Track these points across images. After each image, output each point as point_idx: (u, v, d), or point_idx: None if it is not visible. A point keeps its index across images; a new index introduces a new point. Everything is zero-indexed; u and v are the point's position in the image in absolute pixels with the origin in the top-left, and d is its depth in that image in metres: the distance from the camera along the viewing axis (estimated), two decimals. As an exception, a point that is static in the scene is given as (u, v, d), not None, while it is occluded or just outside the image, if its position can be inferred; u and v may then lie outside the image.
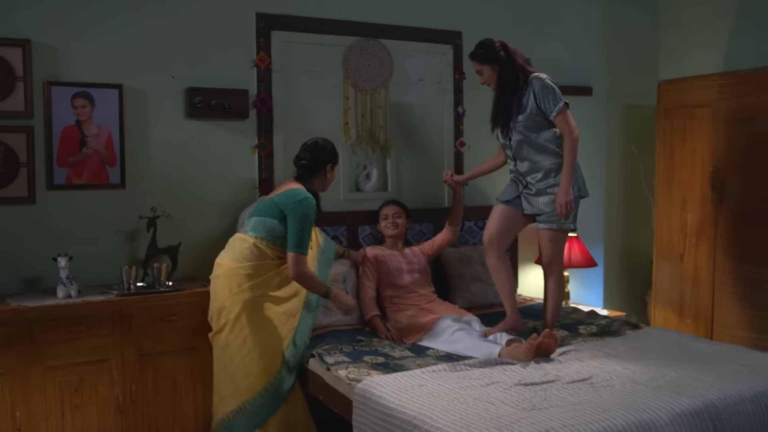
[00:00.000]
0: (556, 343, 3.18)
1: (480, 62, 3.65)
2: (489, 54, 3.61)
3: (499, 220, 3.71)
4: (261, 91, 4.02)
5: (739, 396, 2.64)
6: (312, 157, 3.52)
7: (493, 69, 3.63)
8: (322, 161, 3.53)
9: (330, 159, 3.56)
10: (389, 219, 4.08)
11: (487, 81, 3.69)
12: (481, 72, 3.67)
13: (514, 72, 3.60)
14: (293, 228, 3.31)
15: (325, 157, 3.54)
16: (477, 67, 3.68)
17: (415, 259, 4.06)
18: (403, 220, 4.10)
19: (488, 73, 3.65)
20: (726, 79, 4.38)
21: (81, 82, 3.59)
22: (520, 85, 3.59)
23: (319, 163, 3.53)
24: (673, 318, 4.75)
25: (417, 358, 3.32)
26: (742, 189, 4.30)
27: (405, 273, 3.97)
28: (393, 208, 4.12)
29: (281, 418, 3.28)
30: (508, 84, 3.61)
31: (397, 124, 4.44)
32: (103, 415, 3.32)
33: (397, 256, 4.02)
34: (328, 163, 3.55)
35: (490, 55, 3.61)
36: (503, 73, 3.61)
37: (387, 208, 4.12)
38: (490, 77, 3.66)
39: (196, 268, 3.88)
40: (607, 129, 5.28)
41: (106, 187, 3.69)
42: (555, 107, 3.52)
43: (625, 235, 5.42)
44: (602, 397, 2.63)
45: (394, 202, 4.16)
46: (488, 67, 3.63)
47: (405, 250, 4.09)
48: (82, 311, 3.25)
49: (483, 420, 2.39)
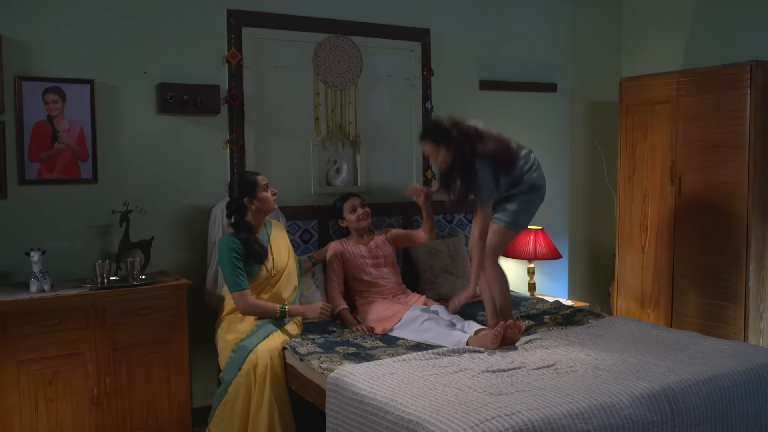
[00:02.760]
0: (519, 332, 3.29)
1: (435, 143, 3.50)
2: (444, 135, 3.49)
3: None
4: (232, 87, 4.06)
5: (694, 380, 2.78)
6: (230, 203, 3.66)
7: (448, 151, 3.49)
8: (237, 200, 3.62)
9: (242, 193, 3.59)
10: (358, 211, 4.07)
11: (440, 162, 3.55)
12: (434, 152, 3.52)
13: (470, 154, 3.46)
14: (222, 272, 3.56)
15: (236, 196, 3.61)
16: (429, 148, 3.54)
17: (380, 251, 4.11)
18: (368, 209, 4.13)
19: (443, 155, 3.50)
20: (685, 77, 4.53)
21: (52, 77, 3.60)
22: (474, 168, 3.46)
23: (237, 202, 3.61)
24: (634, 307, 4.89)
25: (388, 347, 3.41)
26: (699, 183, 4.44)
27: (370, 267, 4.04)
28: (357, 200, 4.11)
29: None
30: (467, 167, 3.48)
31: (367, 119, 4.51)
32: (77, 408, 3.35)
33: (362, 251, 4.06)
34: (243, 197, 3.60)
35: (445, 136, 3.48)
36: (460, 156, 3.48)
37: (352, 201, 4.10)
38: (444, 159, 3.51)
39: (168, 262, 3.92)
40: (571, 125, 5.40)
41: (78, 182, 3.71)
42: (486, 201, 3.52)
43: (589, 228, 5.55)
44: (566, 382, 2.75)
45: (352, 195, 4.15)
46: (443, 148, 3.49)
47: (370, 243, 4.13)
48: (56, 305, 3.28)
49: (452, 405, 2.48)
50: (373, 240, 4.16)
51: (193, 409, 3.82)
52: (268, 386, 3.28)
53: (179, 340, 3.57)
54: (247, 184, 3.61)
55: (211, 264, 3.86)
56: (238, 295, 3.48)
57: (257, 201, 3.60)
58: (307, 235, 4.22)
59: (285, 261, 3.71)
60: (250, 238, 3.55)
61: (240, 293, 3.48)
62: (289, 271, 3.71)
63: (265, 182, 3.64)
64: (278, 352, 3.39)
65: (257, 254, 3.55)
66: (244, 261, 3.51)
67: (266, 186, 3.64)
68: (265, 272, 3.60)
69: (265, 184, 3.63)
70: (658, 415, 2.60)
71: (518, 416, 2.37)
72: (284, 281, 3.68)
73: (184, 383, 3.60)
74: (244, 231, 3.57)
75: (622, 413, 2.53)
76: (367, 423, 2.62)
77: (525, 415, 2.38)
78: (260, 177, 3.65)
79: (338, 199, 4.16)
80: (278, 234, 3.78)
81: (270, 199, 3.64)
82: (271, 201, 3.64)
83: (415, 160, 4.70)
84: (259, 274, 3.59)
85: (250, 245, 3.53)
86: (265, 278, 3.61)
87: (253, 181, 3.61)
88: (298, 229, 4.19)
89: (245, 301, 3.49)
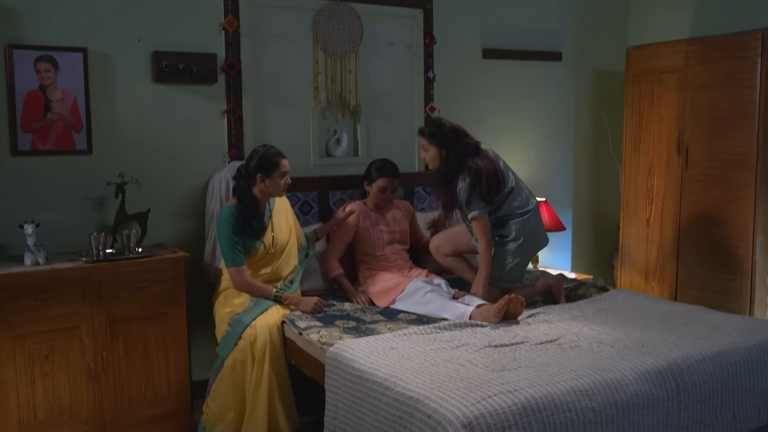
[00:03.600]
0: (522, 306, 3.24)
1: (427, 140, 3.61)
2: (437, 134, 3.58)
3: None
4: (229, 56, 3.97)
5: (700, 355, 2.72)
6: (242, 167, 3.55)
7: (440, 151, 3.58)
8: (251, 171, 3.50)
9: (259, 168, 3.48)
10: (387, 192, 3.95)
11: (428, 160, 3.65)
12: (426, 149, 3.63)
13: (458, 160, 3.54)
14: (219, 246, 3.47)
15: (252, 167, 3.49)
16: (422, 143, 3.65)
17: (396, 226, 4.02)
18: (395, 195, 4.04)
19: (433, 154, 3.60)
20: (693, 45, 4.42)
21: (44, 46, 3.51)
22: (458, 176, 3.55)
23: (250, 173, 3.50)
24: (639, 280, 4.84)
25: (388, 321, 3.36)
26: (707, 154, 4.36)
27: (385, 245, 3.96)
28: (394, 183, 3.97)
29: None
30: (450, 172, 3.56)
31: (368, 89, 4.42)
32: (74, 382, 3.31)
33: (380, 225, 3.97)
34: (258, 172, 3.48)
35: (438, 135, 3.58)
36: (448, 159, 3.57)
37: (388, 181, 3.94)
38: (433, 158, 3.61)
39: (166, 235, 3.86)
40: (576, 94, 5.30)
41: (72, 153, 3.63)
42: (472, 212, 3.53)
43: (593, 200, 5.48)
44: (569, 357, 2.69)
45: (395, 174, 3.99)
46: (435, 147, 3.59)
47: (387, 215, 4.03)
48: (51, 278, 3.22)
49: (453, 381, 2.43)
50: (391, 212, 4.06)
51: (193, 383, 3.80)
52: (267, 362, 3.23)
53: (177, 314, 3.53)
54: (269, 161, 3.48)
55: (209, 236, 3.80)
56: (235, 271, 3.42)
57: (269, 182, 3.48)
58: (306, 206, 4.16)
59: (286, 238, 3.64)
60: (249, 212, 3.46)
61: (237, 269, 3.42)
62: (289, 249, 3.64)
63: (286, 169, 3.51)
64: (277, 327, 3.34)
65: (254, 229, 3.47)
66: (241, 234, 3.44)
67: (285, 174, 3.51)
68: (263, 249, 3.54)
69: (284, 171, 3.50)
70: (663, 392, 2.55)
71: (521, 393, 2.32)
72: (285, 259, 3.61)
73: (182, 357, 3.56)
74: (246, 203, 3.48)
75: (627, 389, 2.48)
76: (366, 399, 2.57)
77: (528, 392, 2.33)
78: (285, 161, 3.51)
79: (377, 167, 3.98)
80: (281, 209, 3.70)
81: (280, 186, 3.51)
82: (280, 189, 3.52)
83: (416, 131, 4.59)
84: (257, 250, 3.52)
85: (248, 219, 3.45)
86: (263, 255, 3.54)
87: (275, 162, 3.48)
88: (297, 200, 4.12)
89: (241, 278, 3.43)
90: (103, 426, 3.39)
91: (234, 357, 3.27)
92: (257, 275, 3.53)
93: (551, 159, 5.20)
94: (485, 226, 3.52)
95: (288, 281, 3.62)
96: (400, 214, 4.10)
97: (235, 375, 3.27)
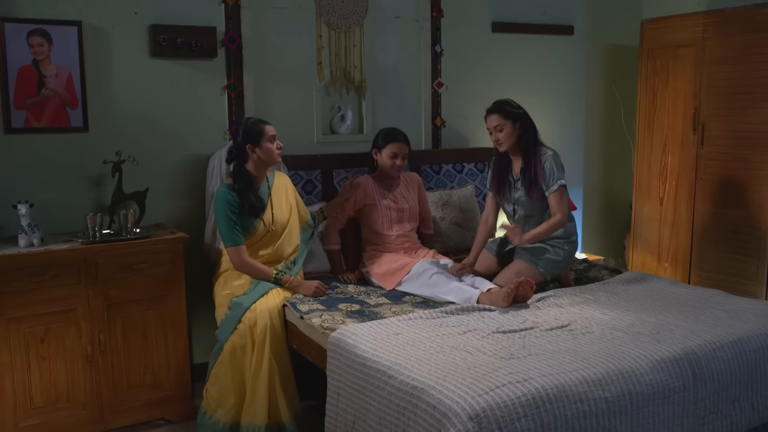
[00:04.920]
0: (532, 289, 3.14)
1: (503, 117, 3.46)
2: (511, 110, 3.47)
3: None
4: (229, 29, 3.83)
5: (718, 342, 2.61)
6: (232, 147, 3.43)
7: (515, 128, 3.46)
8: (239, 146, 3.39)
9: (246, 139, 3.37)
10: (398, 159, 3.76)
11: (503, 139, 3.48)
12: (501, 128, 3.46)
13: (535, 135, 3.48)
14: (218, 226, 3.37)
15: (239, 141, 3.38)
16: (496, 122, 3.47)
17: (406, 203, 3.85)
18: (406, 162, 3.85)
19: (509, 130, 3.45)
20: (711, 18, 4.25)
21: (37, 19, 3.39)
22: (537, 153, 3.45)
23: (239, 148, 3.39)
24: (651, 261, 4.72)
25: (393, 305, 3.26)
26: (724, 131, 4.22)
27: (393, 223, 3.81)
28: (404, 148, 3.77)
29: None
30: (529, 147, 3.46)
31: (373, 63, 4.28)
32: (71, 366, 3.24)
33: (388, 202, 3.80)
34: (246, 144, 3.37)
35: (512, 112, 3.47)
36: (524, 135, 3.47)
37: (398, 147, 3.74)
38: (509, 135, 3.46)
39: (165, 215, 3.77)
40: (588, 69, 5.15)
41: (67, 130, 3.52)
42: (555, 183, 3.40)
43: (604, 178, 5.36)
44: (581, 344, 2.58)
45: (404, 140, 3.78)
46: (510, 123, 3.46)
47: (396, 190, 3.86)
48: (46, 260, 3.13)
49: (460, 370, 2.33)
50: (399, 187, 3.88)
51: (195, 365, 3.75)
52: (267, 347, 3.13)
53: (176, 296, 3.44)
54: (252, 130, 3.39)
55: (210, 216, 3.68)
56: (234, 251, 3.32)
57: (260, 150, 3.38)
58: (309, 185, 4.04)
59: (286, 216, 3.52)
60: (247, 190, 3.36)
61: (235, 248, 3.32)
62: (290, 228, 3.53)
63: (272, 133, 3.40)
64: (278, 310, 3.24)
65: (253, 207, 3.36)
66: (239, 214, 3.34)
67: (273, 138, 3.40)
68: (263, 227, 3.43)
69: (272, 135, 3.39)
70: (680, 381, 2.44)
71: (531, 383, 2.21)
72: (286, 238, 3.50)
73: (182, 340, 3.48)
74: (242, 181, 3.38)
75: (642, 379, 2.37)
76: (369, 387, 2.47)
77: (538, 382, 2.22)
78: (269, 127, 3.42)
79: (386, 133, 3.79)
80: (281, 186, 3.57)
81: (274, 152, 3.41)
82: (274, 153, 3.41)
83: (423, 107, 4.48)
84: (257, 229, 3.41)
85: (246, 197, 3.34)
86: (263, 234, 3.44)
87: (260, 129, 3.39)
88: (300, 179, 4.00)
89: (240, 258, 3.33)
90: (102, 410, 3.32)
91: (233, 341, 3.18)
92: (257, 256, 3.42)
93: (562, 136, 5.06)
94: (565, 197, 3.44)
95: (290, 262, 3.52)
96: (409, 189, 3.92)
97: (234, 360, 3.18)
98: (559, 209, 3.39)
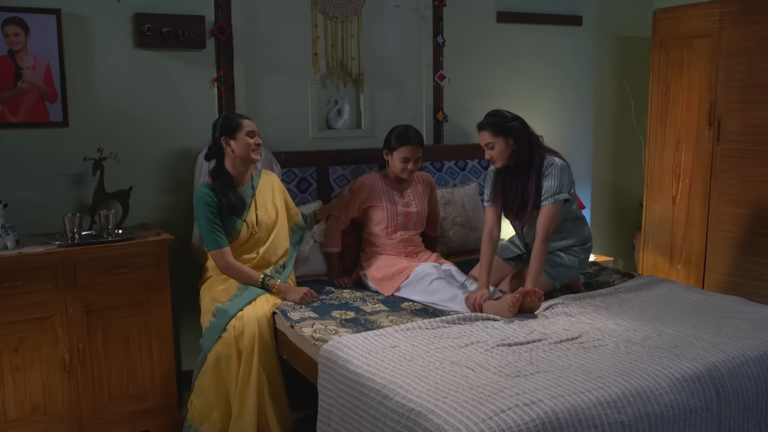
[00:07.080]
0: (540, 300, 2.93)
1: (493, 134, 3.15)
2: (503, 125, 3.15)
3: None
4: (219, 18, 3.64)
5: (743, 357, 2.40)
6: (212, 144, 3.27)
7: (508, 144, 3.16)
8: (216, 140, 3.23)
9: (222, 132, 3.20)
10: (410, 163, 3.53)
11: (495, 157, 3.18)
12: (492, 146, 3.17)
13: (530, 149, 3.15)
14: (199, 228, 3.22)
15: (216, 136, 3.22)
16: (488, 140, 3.17)
17: (414, 207, 3.62)
18: (419, 166, 3.62)
19: (501, 147, 3.15)
20: (729, 6, 4.04)
21: (12, 6, 3.20)
22: (536, 165, 3.14)
23: (216, 142, 3.23)
24: (662, 263, 4.52)
25: (390, 312, 3.05)
26: (741, 127, 4.01)
27: (398, 228, 3.58)
28: (418, 152, 3.52)
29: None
30: (524, 163, 3.15)
31: (371, 55, 4.08)
32: (48, 376, 3.04)
33: (396, 206, 3.58)
34: (221, 137, 3.20)
35: (505, 126, 3.14)
36: (519, 150, 3.15)
37: (411, 151, 3.50)
38: (501, 152, 3.16)
39: (150, 215, 3.59)
40: (597, 62, 4.97)
41: (46, 125, 3.33)
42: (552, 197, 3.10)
43: (613, 176, 5.18)
44: (594, 360, 2.38)
45: (418, 142, 3.53)
46: (502, 140, 3.15)
47: (406, 192, 3.64)
48: (20, 264, 2.94)
49: (461, 390, 2.12)
50: (409, 189, 3.67)
51: (183, 372, 3.58)
52: (256, 358, 2.93)
53: (161, 302, 3.24)
54: (229, 123, 3.20)
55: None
56: (217, 253, 3.12)
57: (234, 143, 3.17)
58: (304, 183, 3.84)
59: (272, 218, 3.31)
60: (225, 188, 3.16)
61: (219, 251, 3.12)
62: (278, 231, 3.32)
63: (251, 128, 3.20)
64: (267, 318, 3.03)
65: (232, 205, 3.16)
66: (219, 214, 3.14)
67: (252, 133, 3.20)
68: (246, 230, 3.22)
69: (250, 130, 3.20)
70: (702, 401, 2.24)
71: (540, 405, 2.01)
72: (273, 242, 3.29)
73: (167, 348, 3.28)
74: (220, 179, 3.18)
75: (661, 400, 2.16)
76: (362, 407, 2.27)
77: (548, 405, 2.02)
78: (248, 121, 3.23)
79: (399, 133, 3.54)
80: (267, 187, 3.36)
81: (250, 145, 3.19)
82: (249, 148, 3.19)
83: (424, 101, 4.28)
84: (239, 231, 3.21)
85: (224, 195, 3.14)
86: (247, 237, 3.23)
87: (237, 122, 3.20)
88: (294, 177, 3.80)
89: (225, 260, 3.13)
90: (81, 423, 3.13)
91: (217, 351, 2.98)
92: (242, 261, 3.21)
93: (570, 131, 4.87)
94: (558, 215, 3.13)
95: (279, 266, 3.31)
96: (420, 191, 3.70)
97: (218, 371, 2.98)
98: (543, 224, 3.08)
